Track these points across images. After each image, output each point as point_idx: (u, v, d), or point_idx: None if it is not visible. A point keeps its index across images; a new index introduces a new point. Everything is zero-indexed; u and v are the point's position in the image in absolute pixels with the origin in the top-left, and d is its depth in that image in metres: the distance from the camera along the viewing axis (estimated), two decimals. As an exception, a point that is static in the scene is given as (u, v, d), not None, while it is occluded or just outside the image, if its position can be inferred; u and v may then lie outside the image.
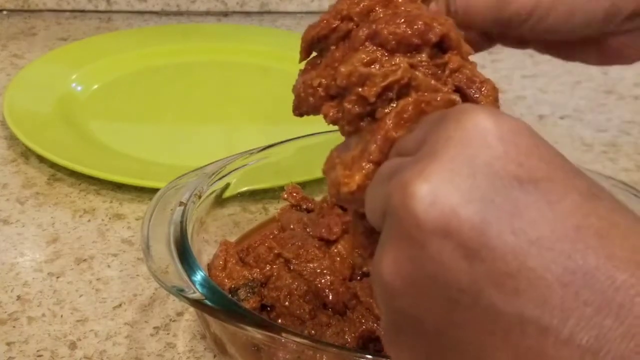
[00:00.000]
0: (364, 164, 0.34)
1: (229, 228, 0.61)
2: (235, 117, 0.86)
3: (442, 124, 0.28)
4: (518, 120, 0.28)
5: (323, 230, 0.55)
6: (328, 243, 0.55)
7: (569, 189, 0.26)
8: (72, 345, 0.54)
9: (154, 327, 0.56)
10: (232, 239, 0.59)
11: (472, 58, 0.38)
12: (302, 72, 0.41)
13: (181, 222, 0.52)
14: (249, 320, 0.45)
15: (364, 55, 0.36)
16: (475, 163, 0.27)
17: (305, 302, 0.51)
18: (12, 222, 0.66)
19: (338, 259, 0.54)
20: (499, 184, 0.26)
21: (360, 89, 0.36)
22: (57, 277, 0.60)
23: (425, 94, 0.35)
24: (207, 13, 1.13)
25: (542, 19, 0.44)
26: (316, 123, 0.39)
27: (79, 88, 0.88)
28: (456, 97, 0.35)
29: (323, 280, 0.52)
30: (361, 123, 0.36)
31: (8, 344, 0.54)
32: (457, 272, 0.26)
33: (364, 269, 0.53)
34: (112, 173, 0.70)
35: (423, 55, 0.36)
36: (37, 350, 0.53)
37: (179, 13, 1.12)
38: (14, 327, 0.55)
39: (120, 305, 0.58)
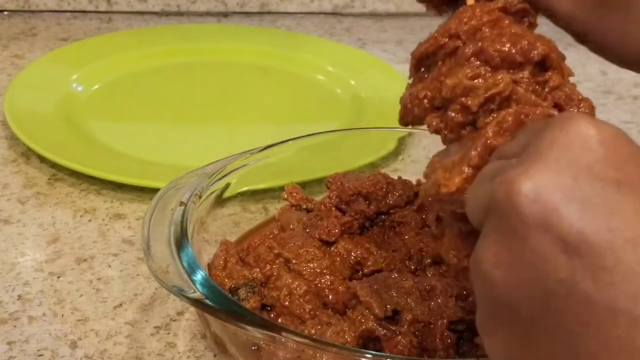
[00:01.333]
0: (464, 168, 0.36)
1: (229, 228, 0.61)
2: (235, 117, 0.86)
3: (547, 129, 0.31)
4: (617, 128, 0.30)
5: (321, 232, 0.55)
6: (328, 243, 0.55)
7: None
8: (73, 345, 0.54)
9: (155, 327, 0.56)
10: (232, 238, 0.59)
11: None
12: (410, 86, 0.43)
13: (181, 222, 0.52)
14: (249, 319, 0.45)
15: (469, 70, 0.39)
16: (577, 165, 0.29)
17: (305, 301, 0.51)
18: (13, 222, 0.67)
19: (338, 259, 0.54)
20: (598, 186, 0.28)
21: (464, 99, 0.38)
22: (58, 277, 0.60)
23: (525, 107, 0.37)
24: (207, 13, 1.13)
25: None
26: (316, 123, 0.40)
27: (79, 88, 0.88)
28: (554, 111, 0.37)
29: (323, 280, 0.52)
30: (462, 131, 0.39)
31: (9, 343, 0.54)
32: (556, 264, 0.28)
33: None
34: (113, 173, 0.70)
35: (525, 73, 0.39)
36: (38, 350, 0.53)
37: (179, 13, 1.12)
38: (14, 326, 0.55)
39: (120, 304, 0.58)
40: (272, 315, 0.51)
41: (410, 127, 0.44)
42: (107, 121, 0.84)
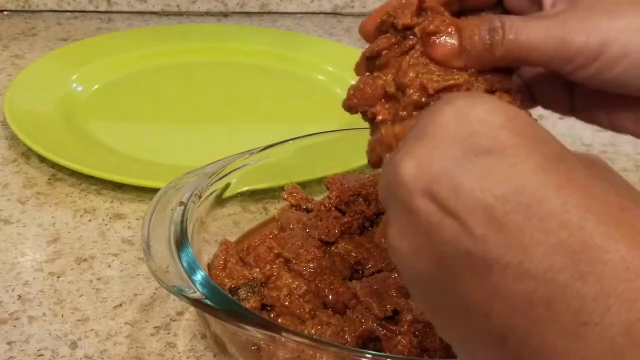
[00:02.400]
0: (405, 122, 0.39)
1: (229, 228, 0.61)
2: (235, 117, 0.86)
3: (427, 111, 0.34)
4: (494, 100, 0.33)
5: (321, 233, 0.55)
6: (328, 243, 0.55)
7: (533, 152, 0.31)
8: (73, 345, 0.54)
9: (155, 327, 0.56)
10: (232, 238, 0.59)
11: None
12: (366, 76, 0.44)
13: (181, 221, 0.52)
14: (249, 319, 0.45)
15: (433, 65, 0.40)
16: (452, 139, 0.32)
17: (305, 301, 0.51)
18: (13, 222, 0.67)
19: (338, 259, 0.54)
20: (471, 155, 0.31)
21: (425, 81, 0.39)
22: (58, 277, 0.60)
23: None
24: (207, 13, 1.13)
25: (609, 66, 0.39)
26: (316, 123, 0.40)
27: (79, 88, 0.88)
28: None
29: (323, 280, 0.52)
30: (414, 112, 0.40)
31: (9, 343, 0.54)
32: (442, 227, 0.31)
33: (369, 266, 0.54)
34: (113, 173, 0.70)
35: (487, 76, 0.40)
36: (38, 350, 0.53)
37: (179, 13, 1.12)
38: (14, 326, 0.55)
39: (120, 304, 0.58)
40: (272, 315, 0.51)
41: (354, 113, 0.43)
42: (107, 121, 0.84)
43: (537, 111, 0.45)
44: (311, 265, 0.53)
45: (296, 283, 0.52)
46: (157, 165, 0.74)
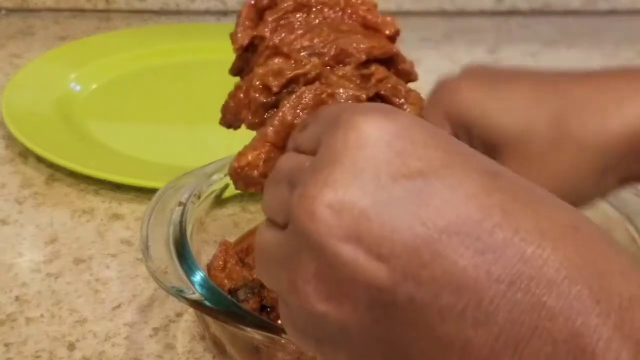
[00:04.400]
0: (258, 144, 0.36)
1: (229, 228, 0.61)
2: (234, 116, 0.85)
3: (337, 127, 0.29)
4: (409, 115, 0.30)
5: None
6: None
7: (468, 171, 0.27)
8: (71, 346, 0.54)
9: (153, 328, 0.56)
10: (232, 239, 0.59)
11: (473, 57, 0.39)
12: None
13: (180, 222, 0.52)
14: (249, 321, 0.45)
15: (279, 59, 0.38)
16: (376, 163, 0.27)
17: (306, 302, 0.51)
18: (10, 222, 0.66)
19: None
20: (402, 180, 0.27)
21: (266, 78, 0.37)
22: (56, 278, 0.60)
23: (330, 87, 0.37)
24: (207, 12, 1.13)
25: None
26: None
27: (77, 88, 0.88)
28: (362, 94, 0.36)
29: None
30: (265, 114, 0.38)
31: (6, 344, 0.54)
32: (375, 272, 0.26)
33: None
34: (111, 173, 0.70)
35: (347, 68, 0.38)
36: (36, 351, 0.53)
37: (178, 12, 1.12)
38: (12, 327, 0.55)
39: (119, 305, 0.57)
40: (271, 317, 0.51)
41: (232, 129, 0.42)
42: (106, 121, 0.83)
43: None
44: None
45: (296, 284, 0.51)
46: (156, 166, 0.73)
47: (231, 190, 0.60)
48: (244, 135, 0.87)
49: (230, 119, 0.41)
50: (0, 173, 0.73)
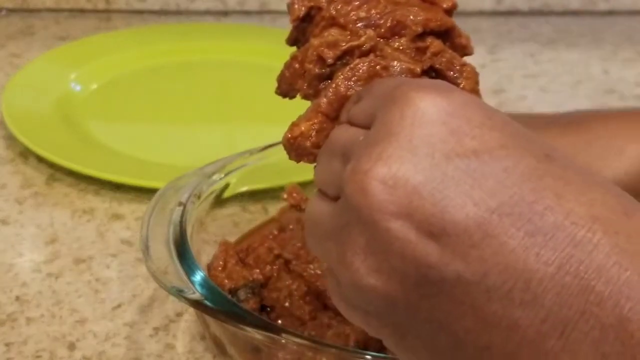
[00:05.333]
0: (311, 114, 0.36)
1: (229, 228, 0.61)
2: (235, 117, 0.85)
3: (393, 102, 0.29)
4: (465, 93, 0.29)
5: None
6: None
7: (523, 153, 0.27)
8: (71, 346, 0.54)
9: (154, 328, 0.56)
10: (232, 239, 0.59)
11: (471, 58, 0.39)
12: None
13: (180, 222, 0.52)
14: (249, 321, 0.45)
15: (335, 30, 0.37)
16: (432, 141, 0.27)
17: (306, 303, 0.51)
18: (10, 222, 0.66)
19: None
20: (456, 159, 0.27)
21: (321, 49, 0.37)
22: (56, 278, 0.60)
23: (385, 59, 0.36)
24: (207, 12, 1.13)
25: None
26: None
27: (77, 88, 0.88)
28: (416, 67, 0.36)
29: (324, 282, 0.52)
30: (320, 85, 0.38)
31: (7, 344, 0.54)
32: (425, 249, 0.27)
33: None
34: (111, 173, 0.70)
35: (402, 40, 0.37)
36: (36, 351, 0.53)
37: (178, 12, 1.12)
38: (12, 327, 0.55)
39: (119, 305, 0.57)
40: (271, 317, 0.51)
41: (287, 98, 0.42)
42: (106, 121, 0.83)
43: (538, 110, 0.44)
44: (311, 266, 0.52)
45: (296, 284, 0.51)
46: (156, 166, 0.73)
47: (231, 190, 0.60)
48: (244, 135, 0.87)
49: (285, 89, 0.41)
50: (0, 173, 0.73)
